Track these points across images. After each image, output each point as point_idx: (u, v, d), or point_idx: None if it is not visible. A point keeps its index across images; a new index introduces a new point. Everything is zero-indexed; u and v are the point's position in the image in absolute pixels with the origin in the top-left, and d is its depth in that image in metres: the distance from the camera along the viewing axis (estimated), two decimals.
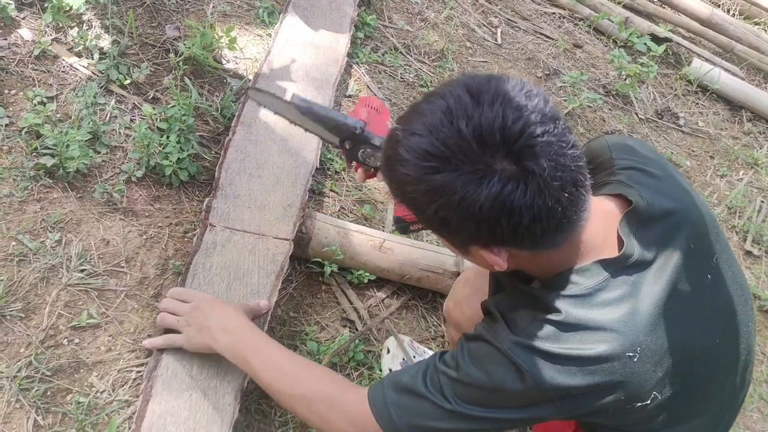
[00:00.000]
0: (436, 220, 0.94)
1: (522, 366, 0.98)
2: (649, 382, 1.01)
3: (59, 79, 1.91)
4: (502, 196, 0.87)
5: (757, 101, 3.38)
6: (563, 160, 0.89)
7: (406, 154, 0.91)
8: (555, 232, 0.93)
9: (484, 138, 0.86)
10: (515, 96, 0.89)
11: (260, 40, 2.34)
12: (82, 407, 1.41)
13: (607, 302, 0.99)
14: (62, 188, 1.70)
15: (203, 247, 1.63)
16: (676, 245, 1.05)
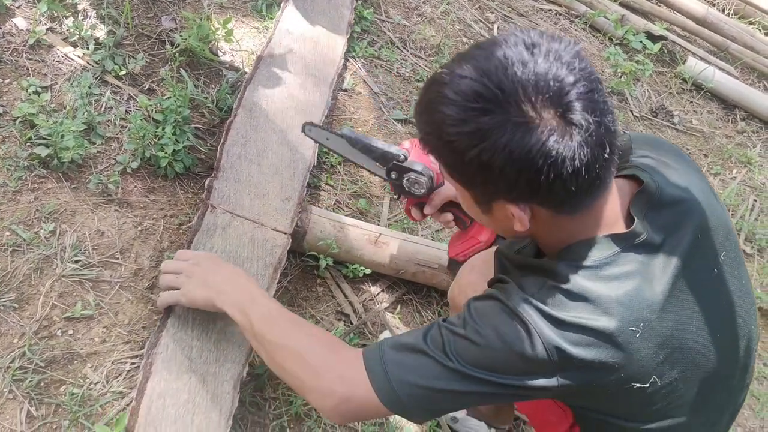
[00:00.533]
0: (474, 166, 0.93)
1: (531, 324, 0.97)
2: (649, 363, 1.01)
3: (54, 68, 1.89)
4: (548, 145, 0.88)
5: (751, 100, 3.40)
6: (605, 121, 0.92)
7: (454, 95, 0.91)
8: (586, 192, 0.95)
9: (538, 86, 0.89)
10: (565, 54, 0.92)
11: (257, 32, 2.34)
12: (76, 398, 1.40)
13: (615, 276, 1.00)
14: (56, 178, 1.69)
15: (204, 227, 1.61)
16: (684, 233, 1.06)
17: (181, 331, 1.42)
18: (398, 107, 2.44)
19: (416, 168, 1.39)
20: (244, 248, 1.63)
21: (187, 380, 1.37)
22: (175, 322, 1.44)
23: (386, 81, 2.52)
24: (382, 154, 1.41)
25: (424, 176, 1.40)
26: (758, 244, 2.74)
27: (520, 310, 0.98)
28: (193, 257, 1.45)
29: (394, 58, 2.61)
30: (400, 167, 1.41)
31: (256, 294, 1.30)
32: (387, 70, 2.57)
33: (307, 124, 1.56)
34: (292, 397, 1.59)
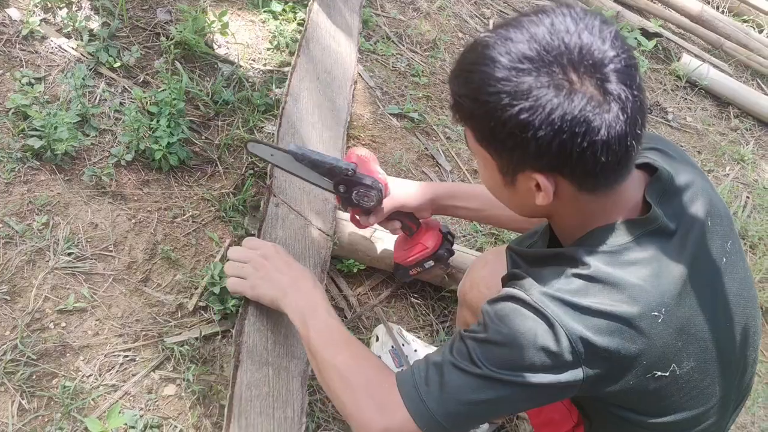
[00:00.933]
0: (509, 127, 0.93)
1: (552, 317, 0.96)
2: (670, 350, 1.01)
3: (47, 60, 1.88)
4: (586, 110, 0.90)
5: (745, 98, 3.41)
6: (637, 93, 0.94)
7: (499, 55, 0.93)
8: (613, 168, 0.95)
9: (582, 54, 0.91)
10: (605, 31, 0.94)
11: (252, 25, 2.33)
12: (68, 391, 1.39)
13: (634, 261, 1.00)
14: (50, 170, 1.68)
15: (269, 216, 1.60)
16: (696, 220, 1.07)
17: (259, 321, 1.41)
18: (394, 102, 2.44)
19: (366, 182, 1.40)
20: (298, 243, 1.62)
21: (266, 372, 1.37)
22: (254, 310, 1.42)
23: (382, 75, 2.52)
24: (329, 169, 1.40)
25: (373, 189, 1.41)
26: (751, 241, 2.75)
27: (540, 303, 0.98)
28: (262, 248, 1.43)
29: (390, 53, 2.61)
30: (348, 181, 1.41)
31: (319, 304, 1.29)
32: (383, 65, 2.56)
33: (250, 142, 1.54)
34: None
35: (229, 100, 2.03)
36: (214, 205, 1.82)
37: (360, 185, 1.40)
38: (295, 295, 1.32)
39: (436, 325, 1.91)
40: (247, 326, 1.39)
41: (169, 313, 1.60)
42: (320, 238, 1.67)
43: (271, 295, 1.36)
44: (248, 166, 1.94)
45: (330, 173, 1.41)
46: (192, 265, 1.70)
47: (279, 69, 2.23)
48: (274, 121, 2.08)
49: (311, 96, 2.00)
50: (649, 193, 1.06)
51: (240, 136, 1.97)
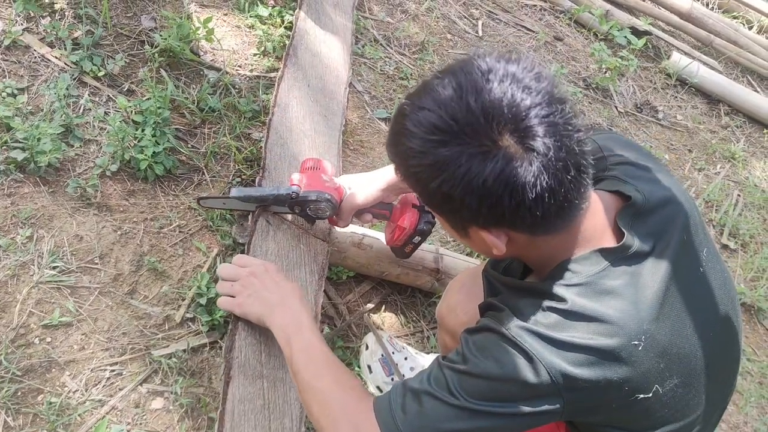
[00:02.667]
0: (438, 196, 0.94)
1: (531, 351, 0.96)
2: (652, 373, 1.00)
3: (30, 70, 1.86)
4: (505, 173, 0.88)
5: (735, 95, 3.41)
6: (568, 142, 0.90)
7: (413, 127, 0.92)
8: (556, 215, 0.94)
9: (492, 114, 0.88)
10: (524, 77, 0.91)
11: (238, 30, 2.31)
12: (54, 408, 1.38)
13: (609, 290, 0.99)
14: (34, 183, 1.66)
15: (259, 228, 1.59)
16: (671, 236, 1.06)
17: (250, 336, 1.40)
18: (382, 106, 2.43)
19: (311, 198, 1.48)
20: (293, 252, 1.61)
21: (261, 385, 1.36)
22: (245, 326, 1.41)
23: (370, 79, 2.50)
24: (275, 200, 1.51)
25: (321, 202, 1.48)
26: (742, 239, 2.75)
27: (518, 338, 0.97)
28: (251, 265, 1.42)
29: (378, 56, 2.59)
30: (297, 203, 1.50)
31: (304, 324, 1.28)
32: (371, 68, 2.55)
33: (201, 199, 1.63)
34: None
35: (215, 107, 2.01)
36: (201, 215, 1.81)
37: (308, 202, 1.49)
38: (281, 313, 1.31)
39: (426, 332, 1.90)
40: (237, 341, 1.38)
41: (156, 326, 1.59)
42: (316, 244, 1.66)
43: (258, 312, 1.35)
44: (235, 174, 1.93)
45: (278, 202, 1.52)
46: (179, 276, 1.69)
47: (266, 75, 2.21)
48: (261, 128, 2.07)
49: (301, 104, 1.98)
50: (620, 218, 1.04)
51: (227, 144, 1.96)
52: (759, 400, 2.21)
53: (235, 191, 1.52)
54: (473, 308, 1.14)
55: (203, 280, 1.64)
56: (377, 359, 1.70)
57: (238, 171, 1.93)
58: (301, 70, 2.08)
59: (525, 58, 0.94)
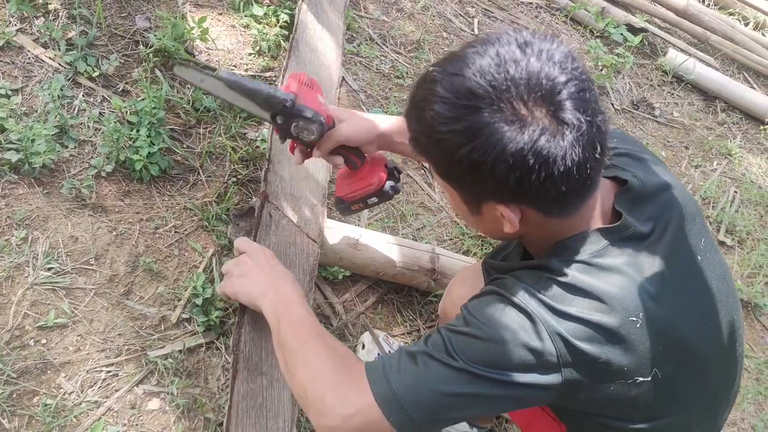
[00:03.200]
0: (464, 165, 0.92)
1: (535, 314, 0.95)
2: (650, 354, 1.00)
3: (24, 71, 1.86)
4: (540, 143, 0.88)
5: (731, 92, 3.41)
6: (597, 120, 0.92)
7: (446, 92, 0.91)
8: (577, 193, 0.95)
9: (530, 84, 0.89)
10: (558, 54, 0.92)
11: (233, 30, 2.30)
12: (50, 409, 1.38)
13: (608, 267, 0.99)
14: (28, 184, 1.66)
15: (263, 222, 1.57)
16: (668, 222, 1.07)
17: (254, 330, 1.38)
18: (378, 104, 2.42)
19: (306, 114, 1.28)
20: (289, 250, 1.59)
21: (260, 383, 1.35)
22: (250, 318, 1.39)
23: (365, 78, 2.50)
24: (265, 99, 1.28)
25: (314, 123, 1.29)
26: (738, 236, 2.75)
27: (522, 299, 0.97)
28: (249, 248, 1.38)
29: (374, 55, 2.59)
30: (287, 112, 1.28)
31: (295, 301, 1.24)
32: (366, 67, 2.54)
33: (177, 65, 1.41)
34: None
35: (210, 107, 2.01)
36: (196, 215, 1.81)
37: (299, 117, 1.29)
38: (272, 293, 1.27)
39: (423, 331, 1.90)
40: (243, 335, 1.37)
41: (152, 326, 1.59)
42: (308, 245, 1.66)
43: (249, 291, 1.30)
44: (231, 174, 1.92)
45: (267, 103, 1.28)
46: (175, 277, 1.68)
47: (261, 74, 2.21)
48: (257, 128, 2.06)
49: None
50: (618, 202, 1.06)
51: (222, 144, 1.96)
52: (756, 396, 2.22)
53: (225, 72, 1.29)
54: None
55: (199, 280, 1.64)
56: (374, 358, 1.70)
57: (234, 171, 1.93)
58: (301, 64, 2.07)
59: (558, 39, 0.95)
